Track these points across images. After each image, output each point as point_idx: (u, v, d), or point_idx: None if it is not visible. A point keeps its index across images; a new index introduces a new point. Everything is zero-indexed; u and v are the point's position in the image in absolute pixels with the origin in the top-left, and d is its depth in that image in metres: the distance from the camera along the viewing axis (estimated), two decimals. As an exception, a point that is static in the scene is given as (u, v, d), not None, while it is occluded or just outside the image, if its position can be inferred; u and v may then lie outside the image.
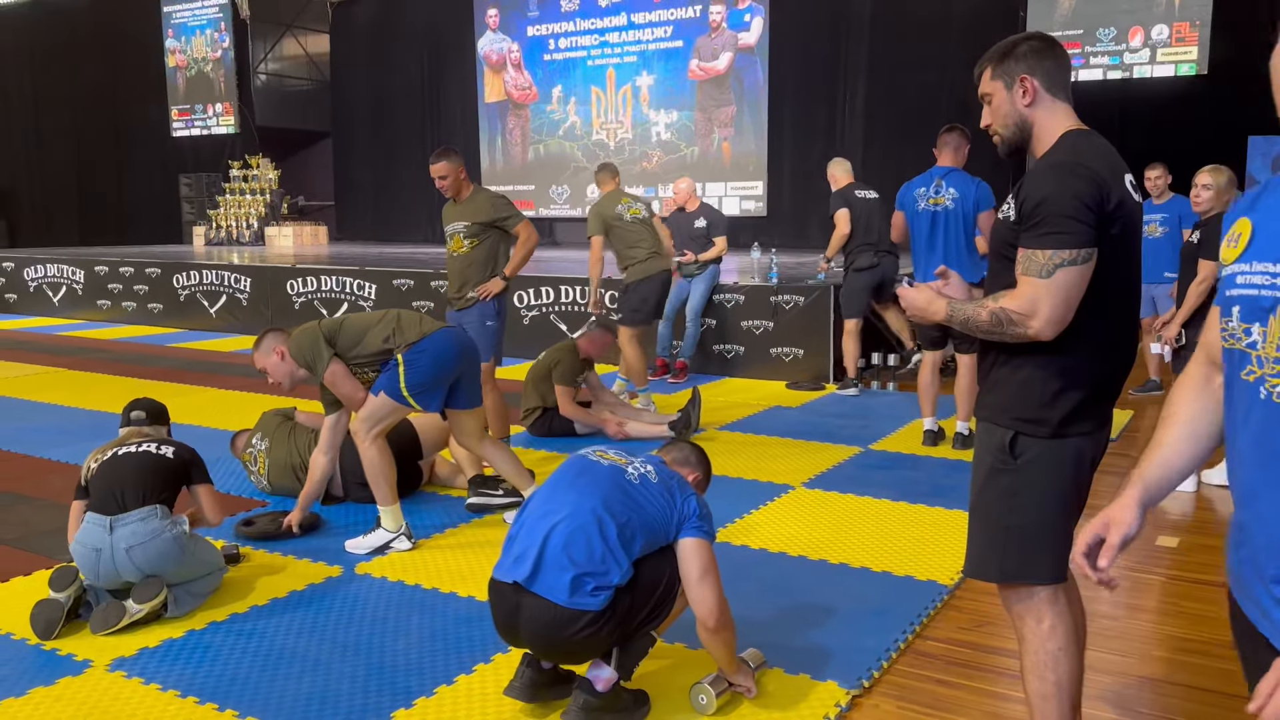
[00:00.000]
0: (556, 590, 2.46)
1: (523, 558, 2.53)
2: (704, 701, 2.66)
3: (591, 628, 2.46)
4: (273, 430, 4.69)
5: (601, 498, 2.54)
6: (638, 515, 2.54)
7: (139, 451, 3.49)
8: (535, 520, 2.58)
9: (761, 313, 7.84)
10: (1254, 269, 1.33)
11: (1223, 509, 4.51)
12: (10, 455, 5.55)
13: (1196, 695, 2.81)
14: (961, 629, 3.24)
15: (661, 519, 2.57)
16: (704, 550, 2.57)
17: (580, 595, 2.45)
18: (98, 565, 3.26)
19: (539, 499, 2.66)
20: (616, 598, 2.48)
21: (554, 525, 2.53)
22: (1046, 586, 2.13)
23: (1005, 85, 2.15)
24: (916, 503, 4.53)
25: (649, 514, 2.56)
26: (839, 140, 13.35)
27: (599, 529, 2.49)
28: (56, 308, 12.75)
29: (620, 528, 2.50)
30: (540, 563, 2.49)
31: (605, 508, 2.52)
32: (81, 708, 2.74)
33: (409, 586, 3.60)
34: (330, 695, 2.80)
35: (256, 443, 4.71)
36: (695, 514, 2.60)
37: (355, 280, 10.11)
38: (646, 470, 2.66)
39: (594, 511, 2.51)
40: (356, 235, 18.20)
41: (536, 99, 15.96)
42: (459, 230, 5.21)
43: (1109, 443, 2.20)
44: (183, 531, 3.38)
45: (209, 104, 18.54)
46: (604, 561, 2.47)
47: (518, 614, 2.52)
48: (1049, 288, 1.99)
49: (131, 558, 3.25)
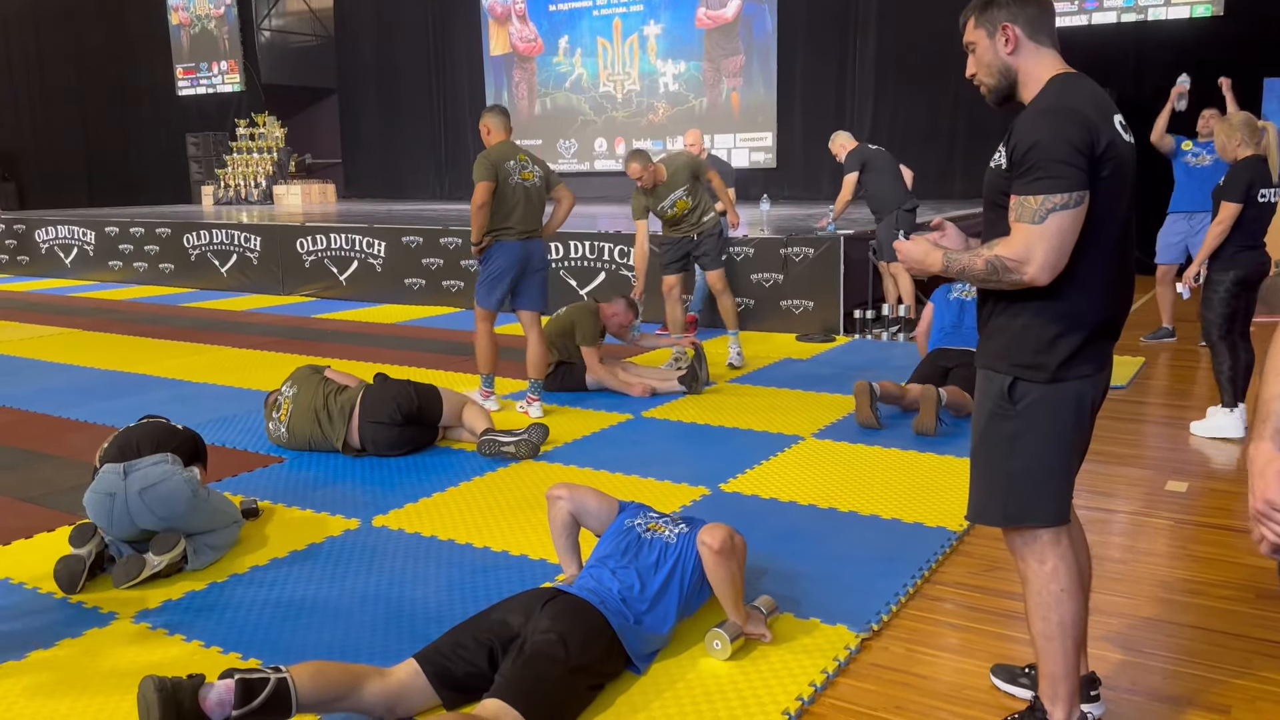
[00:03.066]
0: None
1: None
2: (718, 647, 2.72)
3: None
4: (304, 379, 4.84)
5: (635, 580, 2.79)
6: (677, 586, 2.81)
7: (152, 421, 3.66)
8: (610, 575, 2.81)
9: (771, 265, 7.83)
10: None
11: (1228, 456, 4.53)
12: (30, 415, 5.62)
13: (1202, 635, 2.85)
14: (970, 573, 3.29)
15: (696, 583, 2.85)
16: (722, 543, 2.76)
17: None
18: (111, 511, 3.30)
19: (610, 558, 2.87)
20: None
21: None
22: (1049, 529, 2.16)
23: (988, 34, 2.14)
24: (925, 451, 4.56)
25: (686, 584, 2.82)
26: (850, 90, 13.20)
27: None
28: (68, 269, 12.81)
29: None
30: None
31: (639, 588, 2.78)
32: (109, 659, 2.82)
33: (425, 538, 3.66)
34: (351, 643, 2.87)
35: (286, 389, 4.85)
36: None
37: (365, 238, 10.11)
38: (681, 529, 2.91)
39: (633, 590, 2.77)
40: (364, 192, 18.17)
41: (542, 51, 15.80)
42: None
43: (1110, 386, 2.21)
44: (194, 477, 3.44)
45: (213, 62, 18.43)
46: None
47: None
48: (1042, 233, 1.99)
49: (144, 499, 3.29)
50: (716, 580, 2.73)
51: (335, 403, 4.66)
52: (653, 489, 4.10)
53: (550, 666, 2.37)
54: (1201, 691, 2.56)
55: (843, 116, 13.30)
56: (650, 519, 2.98)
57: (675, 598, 2.77)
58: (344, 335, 8.10)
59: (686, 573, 2.80)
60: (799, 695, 2.55)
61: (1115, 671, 2.65)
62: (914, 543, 3.51)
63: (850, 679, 2.66)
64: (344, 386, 4.76)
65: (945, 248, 2.19)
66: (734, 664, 2.70)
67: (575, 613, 2.54)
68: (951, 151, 12.42)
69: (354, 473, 4.46)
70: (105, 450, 3.49)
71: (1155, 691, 2.58)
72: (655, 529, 2.92)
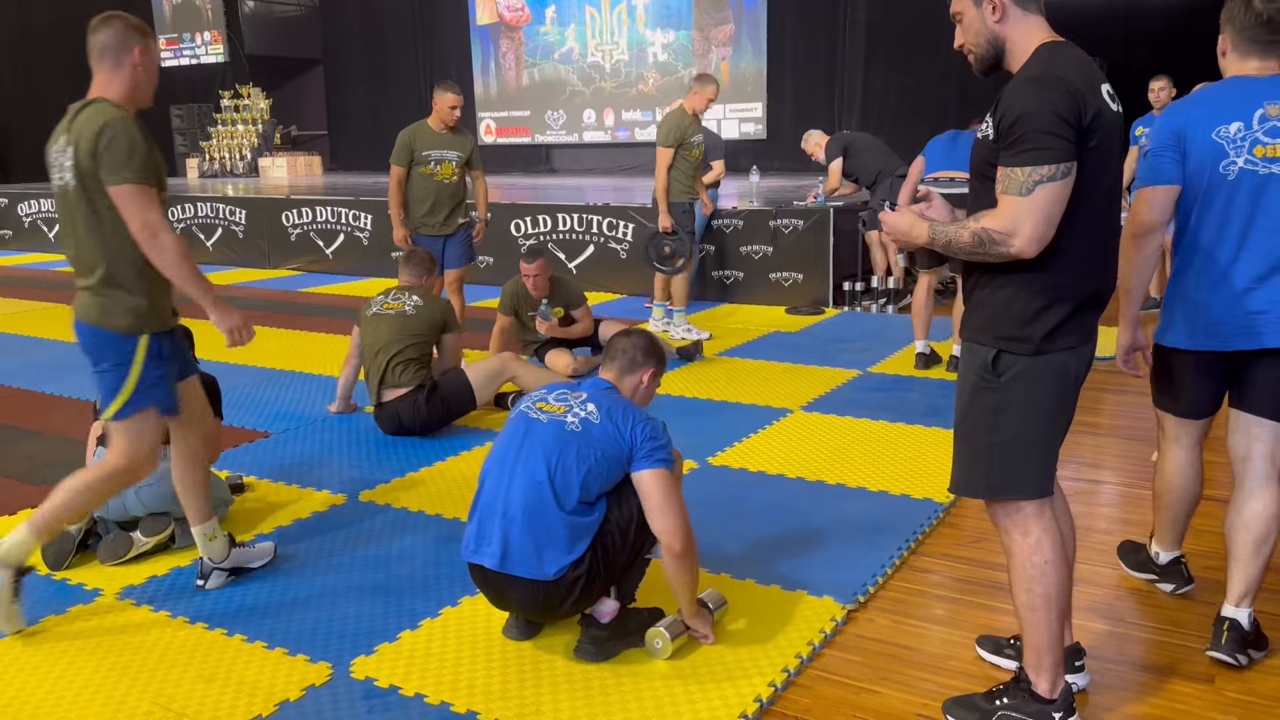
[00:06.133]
0: (531, 567, 2.49)
1: (488, 538, 2.55)
2: (659, 646, 2.62)
3: (580, 588, 2.51)
4: (399, 324, 4.64)
5: (548, 465, 2.51)
6: (589, 466, 2.50)
7: None
8: (492, 498, 2.59)
9: (761, 238, 7.79)
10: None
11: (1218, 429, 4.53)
12: (13, 391, 5.58)
13: (1186, 606, 2.86)
14: (956, 545, 3.30)
15: (613, 458, 2.53)
16: (660, 479, 2.52)
17: (557, 566, 2.48)
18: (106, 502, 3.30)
19: (492, 472, 2.62)
20: (593, 554, 2.51)
21: (509, 504, 2.52)
22: (1032, 501, 2.16)
23: (974, 2, 2.11)
24: (913, 424, 4.56)
25: (600, 459, 2.52)
26: (841, 60, 13.11)
27: (555, 500, 2.49)
28: (52, 243, 12.68)
29: (577, 489, 2.49)
30: (507, 545, 2.51)
31: (554, 474, 2.50)
32: (93, 635, 2.81)
33: (412, 513, 3.65)
34: (337, 619, 2.86)
35: (381, 305, 4.70)
36: (647, 440, 2.53)
37: (351, 211, 10.03)
38: (589, 412, 2.58)
39: (546, 483, 2.49)
40: (351, 165, 18.00)
41: (529, 20, 15.63)
42: (452, 159, 5.60)
43: (1095, 357, 2.20)
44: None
45: (197, 32, 18.17)
46: (569, 529, 2.48)
47: (504, 594, 2.59)
48: (1029, 205, 1.97)
49: (140, 498, 3.32)
50: (675, 579, 2.58)
51: (392, 369, 4.51)
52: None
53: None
54: (1185, 661, 2.57)
55: (833, 87, 13.23)
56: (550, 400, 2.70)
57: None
58: (331, 309, 8.05)
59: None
60: (785, 667, 2.55)
61: (1100, 642, 2.66)
62: (901, 515, 3.52)
63: (836, 651, 2.66)
64: (410, 361, 4.52)
65: (931, 219, 2.16)
66: (719, 634, 2.70)
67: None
68: (942, 123, 12.28)
69: (341, 447, 4.44)
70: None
71: (1140, 661, 2.59)
72: (551, 409, 2.64)
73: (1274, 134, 2.43)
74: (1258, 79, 2.48)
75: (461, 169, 5.71)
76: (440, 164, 5.59)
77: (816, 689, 2.49)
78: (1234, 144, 2.45)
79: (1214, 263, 2.51)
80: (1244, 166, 2.45)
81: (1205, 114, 2.48)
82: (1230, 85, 2.52)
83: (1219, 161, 2.46)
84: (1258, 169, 2.44)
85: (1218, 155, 2.46)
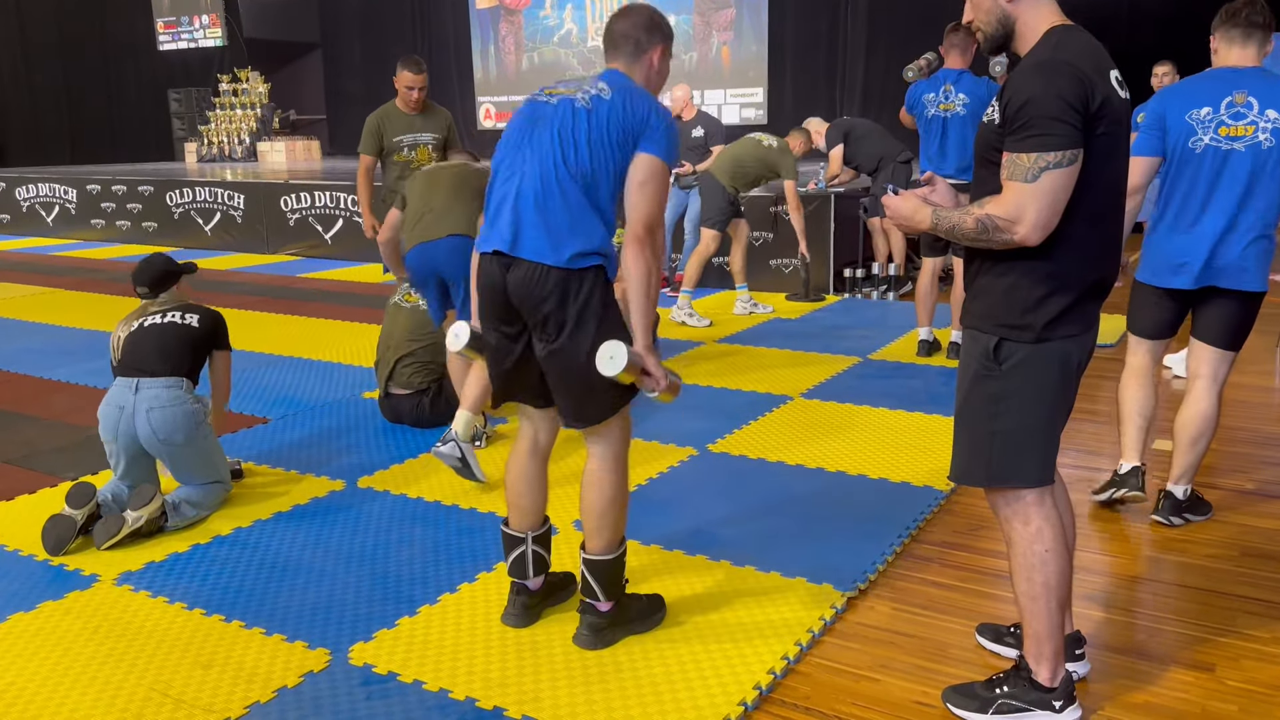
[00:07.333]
0: (543, 252, 2.39)
1: (499, 224, 2.45)
2: (611, 358, 2.35)
3: (586, 289, 2.40)
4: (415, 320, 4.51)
5: (560, 140, 2.42)
6: (599, 136, 2.41)
7: (165, 323, 3.54)
8: (502, 185, 2.49)
9: (761, 224, 7.76)
10: None
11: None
12: (11, 376, 5.56)
13: (1186, 594, 2.86)
14: (956, 533, 3.29)
15: (624, 131, 2.42)
16: (654, 164, 2.42)
17: (567, 256, 2.38)
18: (119, 422, 3.37)
19: (504, 161, 2.52)
20: (601, 280, 2.43)
21: (520, 188, 2.43)
22: (1033, 489, 2.15)
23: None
24: (914, 411, 4.55)
25: (609, 131, 2.41)
26: (842, 45, 13.04)
27: (568, 174, 2.39)
28: (50, 228, 12.65)
29: (587, 162, 2.40)
30: (518, 227, 2.41)
31: (565, 148, 2.41)
32: (90, 621, 2.80)
33: (411, 499, 3.64)
34: (336, 605, 2.86)
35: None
36: (659, 124, 2.43)
37: (350, 196, 9.99)
38: (599, 89, 2.46)
39: (558, 158, 2.40)
40: (349, 149, 17.90)
41: (529, 3, 15.55)
42: (427, 142, 5.15)
43: (1097, 346, 2.19)
44: (201, 408, 3.47)
45: (194, 15, 18.07)
46: (581, 210, 2.40)
47: (505, 284, 2.45)
48: (1035, 192, 1.95)
49: (150, 420, 3.34)
50: (632, 278, 2.42)
51: (400, 369, 4.42)
52: (639, 449, 4.08)
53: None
54: (1186, 649, 2.57)
55: (835, 72, 13.17)
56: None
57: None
58: (330, 294, 8.03)
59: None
60: (784, 654, 2.55)
61: (1100, 630, 2.66)
62: (901, 502, 3.51)
63: (836, 638, 2.66)
64: (420, 365, 4.43)
65: (934, 204, 2.14)
66: (718, 622, 2.70)
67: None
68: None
69: (339, 433, 4.43)
70: (120, 353, 3.47)
71: (1140, 649, 2.58)
72: (561, 93, 2.52)
73: (1238, 118, 3.02)
74: (1231, 71, 3.06)
75: (440, 153, 5.21)
76: (415, 149, 5.15)
77: (816, 676, 2.49)
78: (1202, 125, 3.07)
79: (1181, 219, 3.12)
80: (1209, 143, 3.06)
81: (1182, 99, 3.10)
82: (1208, 76, 3.10)
83: (1189, 138, 3.07)
84: (1220, 145, 3.04)
85: (1189, 133, 3.08)
